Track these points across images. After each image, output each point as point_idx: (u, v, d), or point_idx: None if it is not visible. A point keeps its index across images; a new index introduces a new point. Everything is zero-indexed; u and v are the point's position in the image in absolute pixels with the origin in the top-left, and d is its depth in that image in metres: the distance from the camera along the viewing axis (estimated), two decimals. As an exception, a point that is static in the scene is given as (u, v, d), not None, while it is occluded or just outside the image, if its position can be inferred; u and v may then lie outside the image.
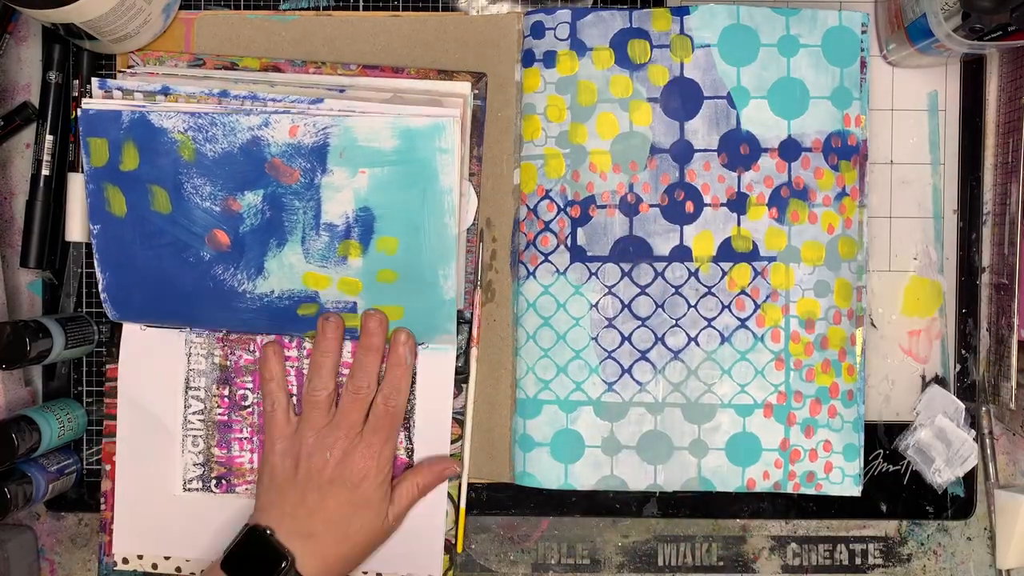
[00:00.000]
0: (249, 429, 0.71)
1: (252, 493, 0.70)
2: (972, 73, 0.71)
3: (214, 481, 0.71)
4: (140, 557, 0.71)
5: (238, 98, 0.65)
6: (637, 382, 0.70)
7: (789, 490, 0.69)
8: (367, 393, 0.67)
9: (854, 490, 0.69)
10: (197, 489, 0.70)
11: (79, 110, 0.65)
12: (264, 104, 0.65)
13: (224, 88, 0.65)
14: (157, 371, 0.70)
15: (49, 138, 0.70)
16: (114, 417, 0.70)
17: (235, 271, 0.67)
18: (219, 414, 0.71)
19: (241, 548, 0.64)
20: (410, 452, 0.70)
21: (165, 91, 0.65)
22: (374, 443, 0.66)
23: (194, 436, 0.70)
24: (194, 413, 0.70)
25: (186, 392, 0.71)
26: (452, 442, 0.70)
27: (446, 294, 0.67)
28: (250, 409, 0.71)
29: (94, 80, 0.65)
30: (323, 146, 0.64)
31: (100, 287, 0.68)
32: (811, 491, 0.69)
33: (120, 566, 0.71)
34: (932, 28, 0.62)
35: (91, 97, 0.65)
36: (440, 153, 0.64)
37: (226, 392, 0.71)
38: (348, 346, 0.70)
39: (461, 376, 0.70)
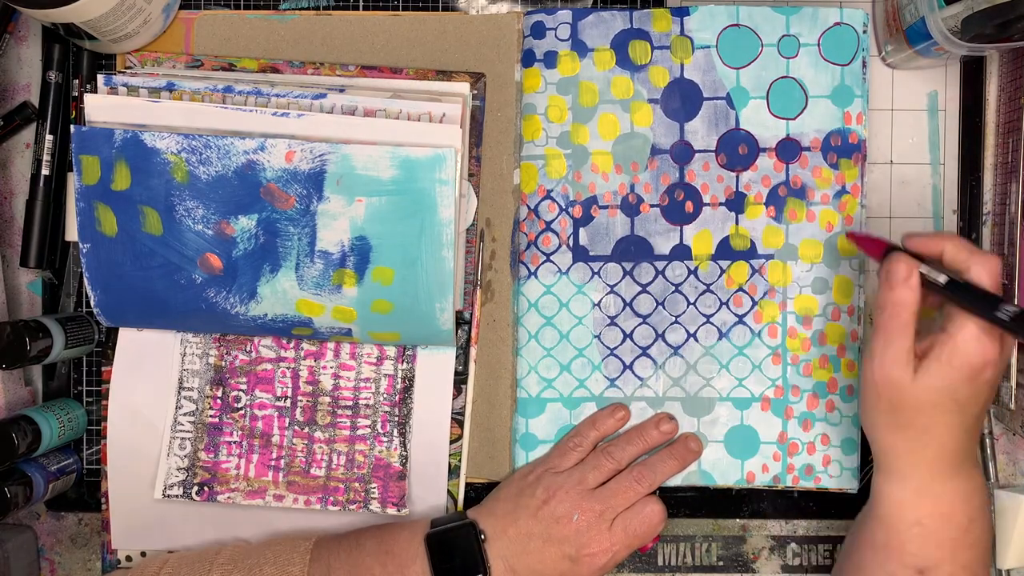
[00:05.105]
0: (240, 432, 0.70)
1: (235, 503, 0.69)
2: (972, 73, 0.71)
3: (196, 488, 0.69)
4: (143, 554, 0.70)
5: (242, 94, 0.65)
6: (638, 377, 0.70)
7: (788, 484, 0.69)
8: (647, 489, 0.66)
9: (852, 483, 0.69)
10: (177, 496, 0.69)
11: (74, 127, 0.64)
12: (268, 100, 0.65)
13: (227, 84, 0.65)
14: (151, 372, 0.70)
15: (49, 138, 0.70)
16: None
17: (227, 295, 0.66)
18: (211, 416, 0.70)
19: (452, 532, 0.64)
20: (404, 459, 0.69)
21: (170, 87, 0.65)
22: (616, 539, 0.64)
23: (181, 439, 0.69)
24: (185, 415, 0.70)
25: (179, 392, 0.70)
26: (451, 442, 0.70)
27: (443, 325, 0.67)
28: (242, 411, 0.70)
29: (99, 76, 0.65)
30: (320, 173, 0.64)
31: (92, 302, 0.67)
32: (810, 485, 0.69)
33: (123, 564, 0.70)
34: (931, 31, 0.62)
35: (95, 92, 0.65)
36: (440, 185, 0.63)
37: (219, 393, 0.70)
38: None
39: (460, 377, 0.70)
